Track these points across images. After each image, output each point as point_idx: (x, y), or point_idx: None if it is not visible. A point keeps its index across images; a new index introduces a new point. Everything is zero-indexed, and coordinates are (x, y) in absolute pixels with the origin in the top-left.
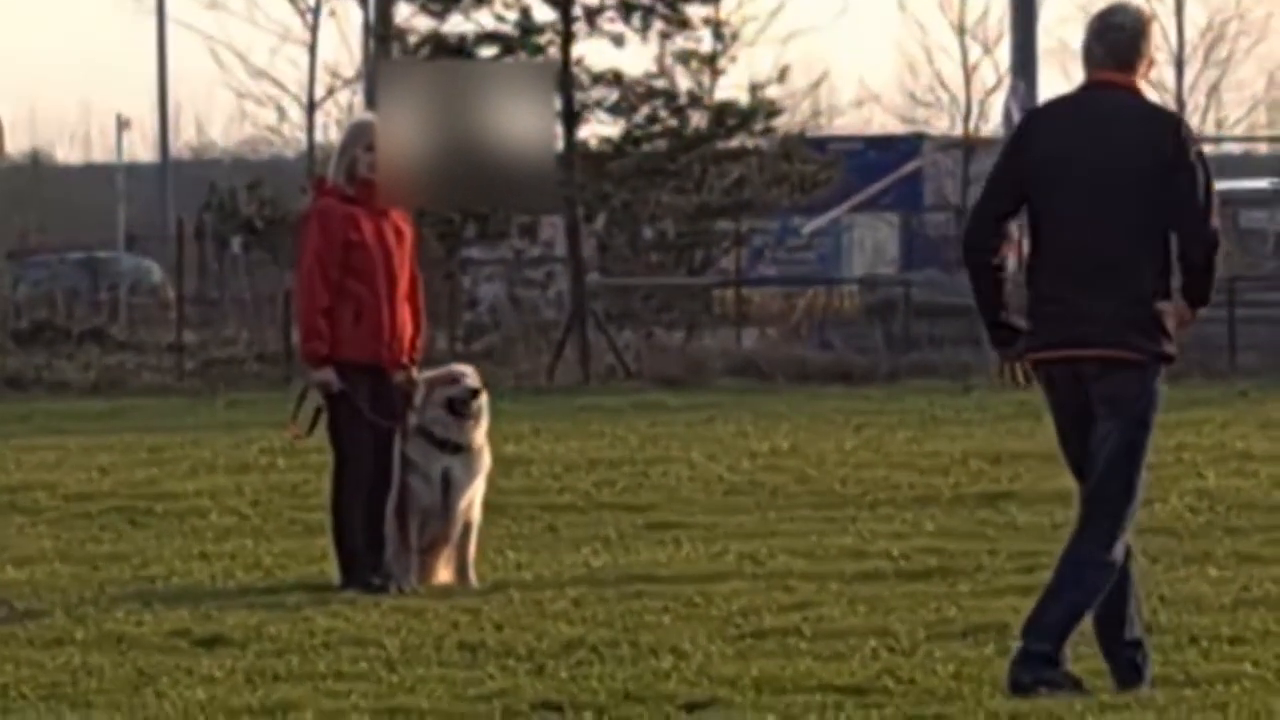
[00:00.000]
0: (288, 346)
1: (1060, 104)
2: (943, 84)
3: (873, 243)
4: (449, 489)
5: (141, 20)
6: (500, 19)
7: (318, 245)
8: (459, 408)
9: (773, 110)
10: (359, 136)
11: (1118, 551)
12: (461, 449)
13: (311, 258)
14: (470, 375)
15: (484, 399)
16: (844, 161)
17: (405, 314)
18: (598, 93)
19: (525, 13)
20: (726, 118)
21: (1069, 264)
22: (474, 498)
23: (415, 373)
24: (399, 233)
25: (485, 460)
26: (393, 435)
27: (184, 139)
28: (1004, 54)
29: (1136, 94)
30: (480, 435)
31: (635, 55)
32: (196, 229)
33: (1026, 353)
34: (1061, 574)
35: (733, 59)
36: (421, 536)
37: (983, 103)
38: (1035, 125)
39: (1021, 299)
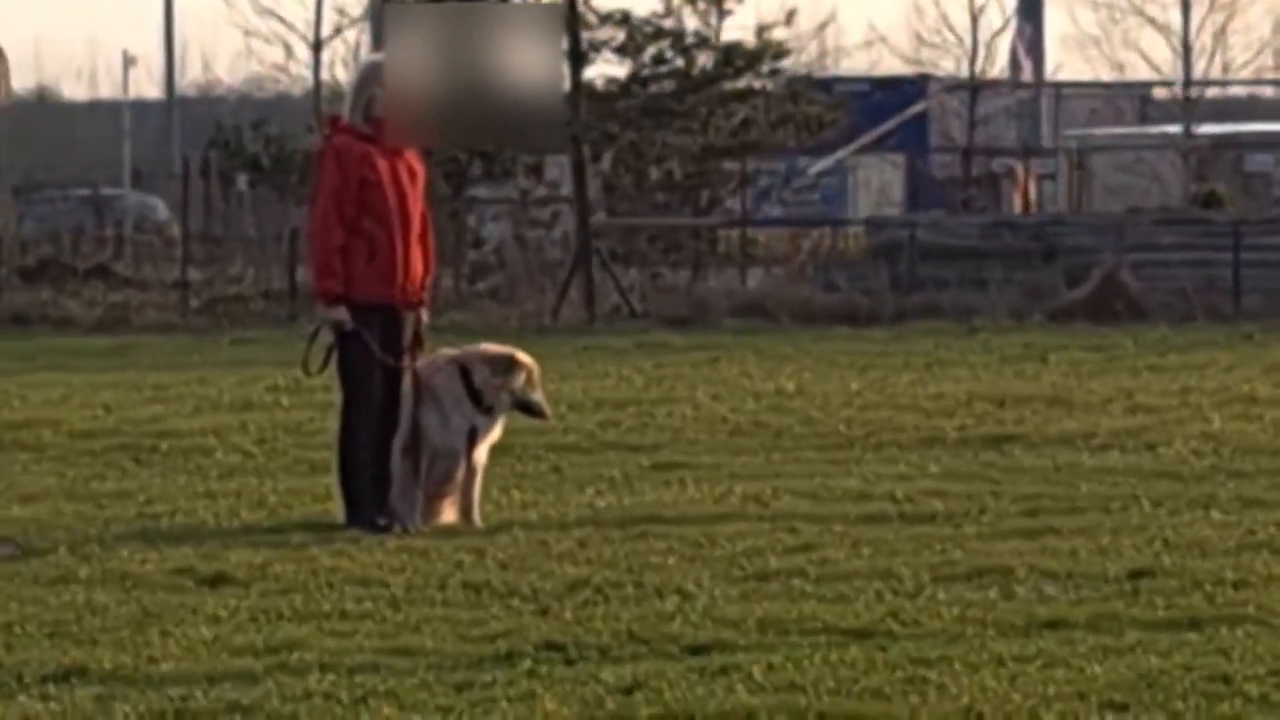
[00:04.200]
0: (293, 284)
1: None
2: (949, 26)
3: (878, 184)
4: (472, 441)
5: None
6: None
7: (334, 183)
8: (525, 410)
9: (780, 51)
10: (376, 75)
11: None
12: (494, 411)
13: (327, 196)
14: (536, 373)
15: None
16: (850, 103)
17: (417, 254)
18: (605, 33)
19: None
20: (734, 59)
21: None
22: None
23: (425, 315)
24: (412, 172)
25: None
26: (401, 375)
27: (190, 76)
28: None
29: None
30: None
31: None
32: (202, 166)
33: None
34: None
35: (740, 0)
36: (429, 475)
37: (989, 44)
38: None
39: (1020, 241)
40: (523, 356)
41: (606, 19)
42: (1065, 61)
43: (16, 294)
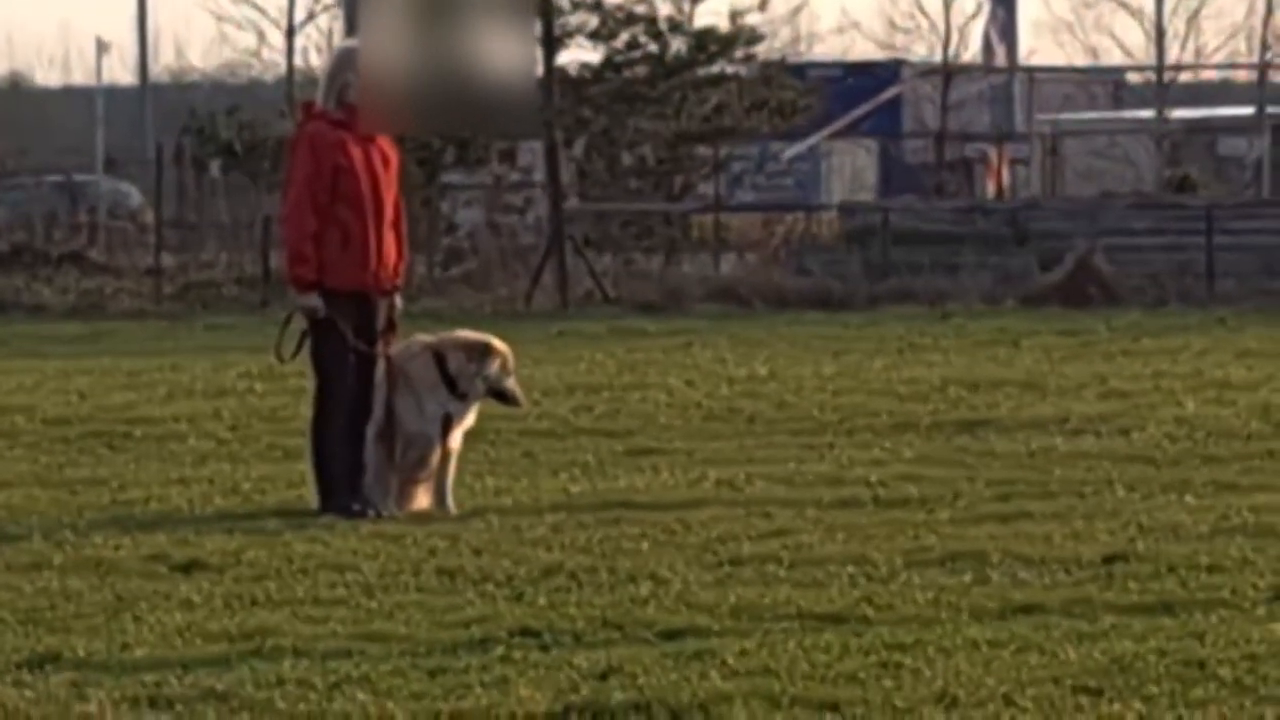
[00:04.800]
0: (266, 270)
1: None
2: (922, 10)
3: (852, 169)
4: (447, 428)
5: None
6: None
7: (308, 170)
8: (499, 398)
9: (753, 37)
10: (349, 61)
11: None
12: (468, 397)
13: (301, 183)
14: (510, 360)
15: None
16: (823, 88)
17: (391, 240)
18: (578, 18)
19: None
20: (707, 44)
21: None
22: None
23: (398, 301)
24: (385, 159)
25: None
26: (375, 362)
27: (163, 63)
28: None
29: None
30: None
31: None
32: (175, 153)
33: None
34: None
35: None
36: (404, 461)
37: (962, 29)
38: None
39: (994, 225)
40: (497, 343)
41: (579, 5)
42: (1038, 46)
43: None
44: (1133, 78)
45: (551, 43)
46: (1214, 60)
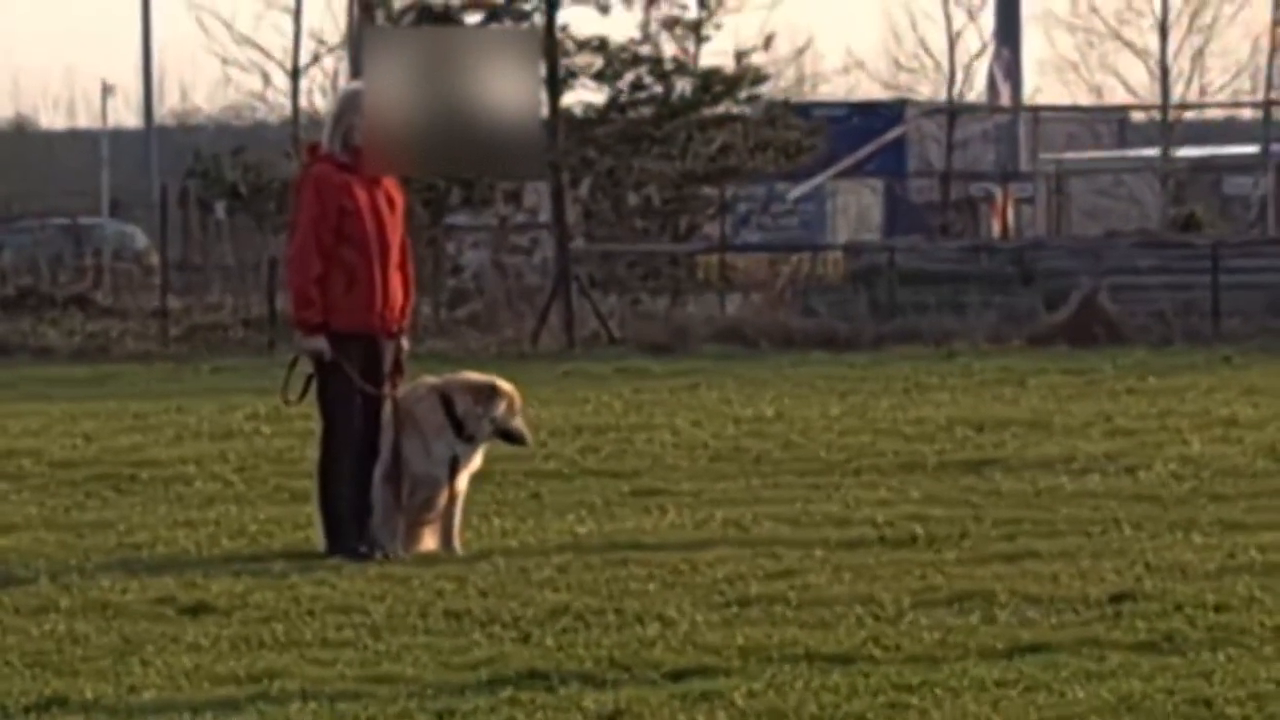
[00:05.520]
0: (272, 312)
1: None
2: (927, 50)
3: (857, 209)
4: (454, 470)
5: None
6: None
7: (313, 212)
8: (507, 438)
9: (758, 77)
10: (355, 103)
11: None
12: (475, 439)
13: (306, 225)
14: (517, 400)
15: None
16: (828, 128)
17: (397, 282)
18: (583, 59)
19: None
20: (712, 84)
21: None
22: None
23: (404, 343)
24: (391, 201)
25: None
26: (381, 403)
27: (168, 105)
28: (988, 20)
29: None
30: None
31: (620, 22)
32: (181, 195)
33: None
34: None
35: (717, 25)
36: (411, 503)
37: (967, 69)
38: None
39: (999, 265)
40: (503, 384)
41: (584, 45)
42: (1043, 85)
43: None
44: (1137, 116)
45: (556, 84)
46: (1218, 99)
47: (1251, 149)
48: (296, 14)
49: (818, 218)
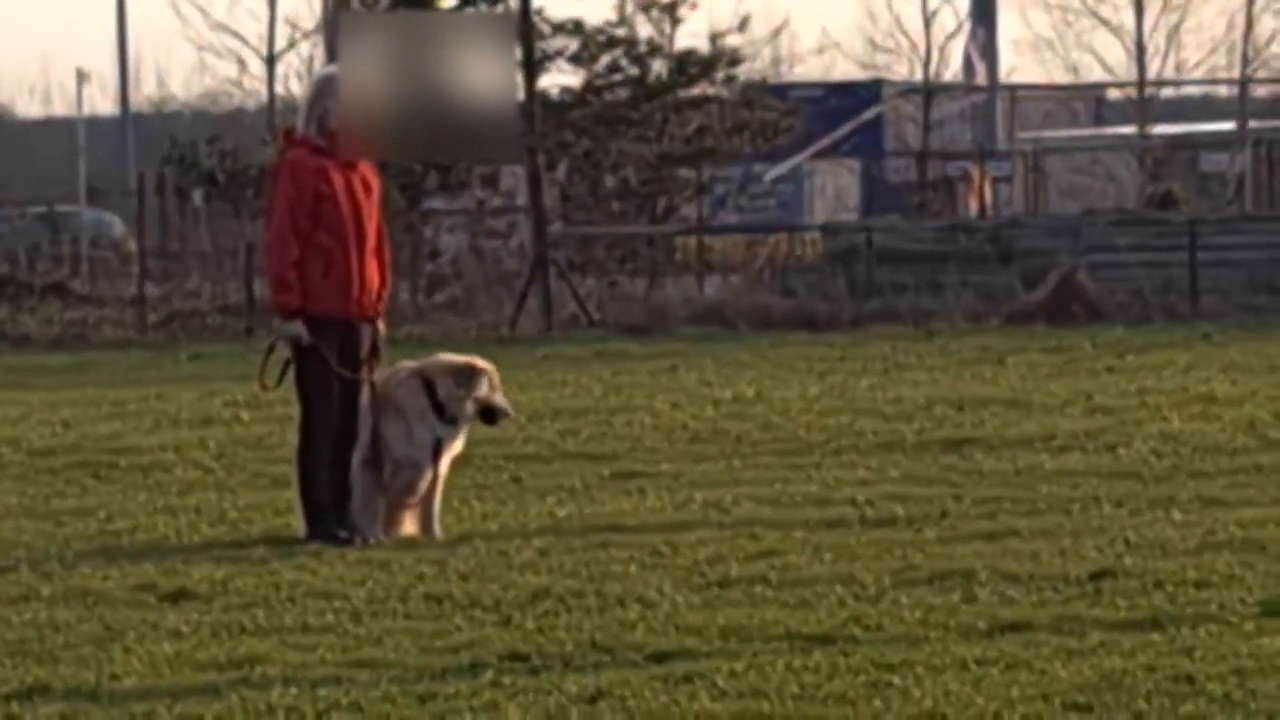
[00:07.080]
0: (250, 299)
1: None
2: (903, 30)
3: (834, 189)
4: (438, 453)
5: None
6: None
7: (289, 197)
8: (488, 417)
9: (734, 58)
10: (330, 88)
11: None
12: (458, 421)
13: (283, 210)
14: (495, 376)
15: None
16: (805, 108)
17: (373, 267)
18: (558, 42)
19: None
20: (688, 66)
21: None
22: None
23: (381, 327)
24: (367, 186)
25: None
26: (360, 388)
27: (144, 92)
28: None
29: None
30: None
31: (595, 4)
32: (157, 182)
33: None
34: None
35: (693, 7)
36: (392, 487)
37: (943, 48)
38: None
39: (977, 244)
40: (480, 362)
41: (559, 28)
42: (1019, 64)
43: None
44: (1114, 94)
45: (532, 67)
46: (1195, 75)
47: (1228, 126)
48: (271, 0)
49: (795, 198)
